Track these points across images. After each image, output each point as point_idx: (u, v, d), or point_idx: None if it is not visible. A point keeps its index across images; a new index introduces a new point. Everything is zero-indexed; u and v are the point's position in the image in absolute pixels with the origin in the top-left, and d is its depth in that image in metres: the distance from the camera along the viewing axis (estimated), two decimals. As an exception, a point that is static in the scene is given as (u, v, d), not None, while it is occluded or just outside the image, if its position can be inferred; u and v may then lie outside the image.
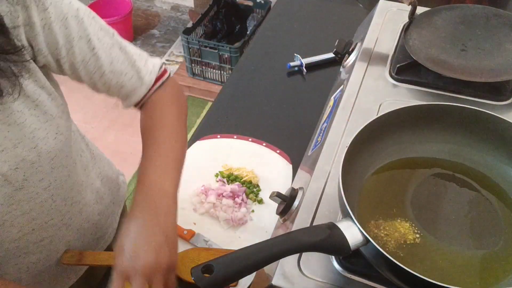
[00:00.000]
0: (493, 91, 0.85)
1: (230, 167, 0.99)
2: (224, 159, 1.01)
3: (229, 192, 0.92)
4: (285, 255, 0.56)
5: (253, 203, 0.92)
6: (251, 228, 0.88)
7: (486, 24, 0.94)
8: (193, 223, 0.89)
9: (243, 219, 0.89)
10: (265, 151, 1.02)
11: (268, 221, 0.88)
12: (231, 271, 0.54)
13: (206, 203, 0.92)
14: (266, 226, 0.87)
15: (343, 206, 0.59)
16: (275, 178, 0.96)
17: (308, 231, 0.59)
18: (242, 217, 0.89)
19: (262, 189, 0.95)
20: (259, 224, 0.89)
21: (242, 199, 0.92)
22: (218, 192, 0.93)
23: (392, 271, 0.57)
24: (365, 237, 0.56)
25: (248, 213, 0.91)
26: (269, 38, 1.43)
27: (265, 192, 0.94)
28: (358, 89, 0.90)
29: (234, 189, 0.93)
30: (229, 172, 0.97)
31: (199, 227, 0.89)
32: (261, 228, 0.87)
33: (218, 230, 0.88)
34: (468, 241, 0.64)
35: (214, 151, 1.04)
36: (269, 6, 2.61)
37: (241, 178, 0.96)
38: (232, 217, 0.89)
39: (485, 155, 0.73)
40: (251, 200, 0.93)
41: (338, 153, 0.79)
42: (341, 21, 1.42)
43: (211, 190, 0.94)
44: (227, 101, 1.24)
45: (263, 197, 0.93)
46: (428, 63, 0.87)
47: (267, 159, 1.00)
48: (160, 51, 2.96)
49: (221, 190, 0.93)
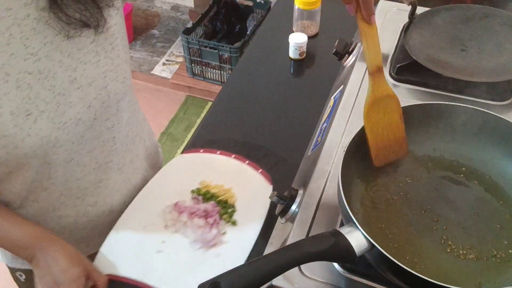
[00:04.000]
0: (493, 91, 0.85)
1: (208, 184, 0.93)
2: (204, 175, 0.94)
3: (202, 211, 0.86)
4: (292, 267, 0.55)
5: (226, 224, 0.86)
6: (221, 251, 0.82)
7: (486, 24, 0.94)
8: (162, 241, 0.84)
9: (213, 241, 0.82)
10: (246, 169, 0.95)
11: (240, 244, 0.82)
12: (238, 287, 0.53)
13: (178, 221, 0.86)
14: (237, 250, 0.81)
15: (345, 211, 0.59)
16: (253, 199, 0.89)
17: (313, 241, 0.58)
18: (212, 239, 0.83)
19: (238, 210, 0.88)
20: (230, 247, 0.82)
21: (215, 220, 0.85)
22: (191, 211, 0.87)
23: (398, 275, 0.57)
24: (370, 242, 0.56)
25: (219, 235, 0.84)
26: (269, 38, 1.43)
27: (240, 213, 0.87)
28: (358, 89, 0.90)
29: (208, 209, 0.87)
30: (206, 189, 0.92)
31: (168, 246, 0.83)
32: (232, 251, 0.81)
33: (187, 251, 0.82)
34: (471, 242, 0.64)
35: (195, 166, 0.98)
36: (269, 6, 2.61)
37: (217, 197, 0.90)
38: (202, 238, 0.83)
39: (486, 154, 0.73)
40: (225, 221, 0.86)
41: (338, 153, 0.79)
42: (341, 21, 1.42)
43: (183, 208, 0.88)
44: (227, 101, 1.23)
45: (238, 219, 0.87)
46: (428, 63, 0.87)
47: (247, 178, 0.93)
48: (160, 51, 2.96)
49: (194, 209, 0.87)
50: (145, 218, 0.86)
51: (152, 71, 2.83)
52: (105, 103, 0.75)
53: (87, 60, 0.71)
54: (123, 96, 0.78)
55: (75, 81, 0.71)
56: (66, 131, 0.72)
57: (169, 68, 2.85)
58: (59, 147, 0.73)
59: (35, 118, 0.68)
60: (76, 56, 0.70)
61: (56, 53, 0.68)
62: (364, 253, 0.57)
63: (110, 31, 0.73)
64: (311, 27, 1.37)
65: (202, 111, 2.63)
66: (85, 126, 0.75)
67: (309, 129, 1.00)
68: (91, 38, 0.70)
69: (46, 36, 0.66)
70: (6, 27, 0.62)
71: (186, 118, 2.62)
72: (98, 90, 0.73)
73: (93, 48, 0.71)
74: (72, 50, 0.69)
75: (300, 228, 0.70)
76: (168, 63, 2.89)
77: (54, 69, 0.68)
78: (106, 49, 0.73)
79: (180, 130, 2.56)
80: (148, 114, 2.48)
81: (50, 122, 0.70)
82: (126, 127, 0.84)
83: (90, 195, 0.84)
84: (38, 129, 0.69)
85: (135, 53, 2.95)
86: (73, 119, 0.72)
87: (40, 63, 0.67)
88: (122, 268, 0.79)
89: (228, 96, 1.25)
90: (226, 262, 0.58)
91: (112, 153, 0.83)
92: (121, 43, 0.76)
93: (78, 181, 0.81)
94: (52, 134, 0.71)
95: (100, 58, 0.72)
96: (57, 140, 0.72)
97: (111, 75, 0.74)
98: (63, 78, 0.69)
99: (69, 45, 0.69)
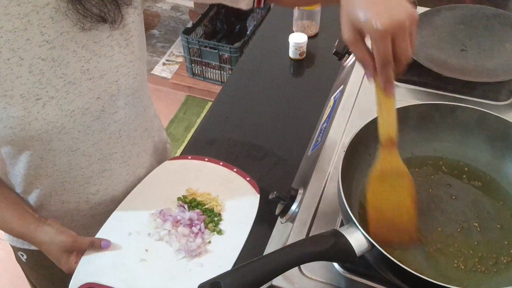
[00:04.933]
0: (493, 91, 0.85)
1: (195, 191, 0.91)
2: (190, 183, 0.92)
3: (187, 220, 0.84)
4: (292, 267, 0.56)
5: (212, 233, 0.84)
6: (205, 261, 0.79)
7: (486, 24, 0.94)
8: (145, 250, 0.81)
9: (197, 251, 0.80)
10: (234, 177, 0.92)
11: (225, 254, 0.79)
12: (238, 287, 0.53)
13: (162, 229, 0.84)
14: (221, 260, 0.79)
15: (345, 212, 0.59)
16: (240, 208, 0.87)
17: (313, 241, 0.58)
18: (196, 248, 0.80)
19: (224, 219, 0.86)
20: (215, 257, 0.80)
21: (200, 229, 0.83)
22: (176, 219, 0.85)
23: (398, 275, 0.57)
24: (370, 242, 0.56)
25: (204, 244, 0.82)
26: (269, 38, 1.43)
27: (226, 222, 0.85)
28: (358, 89, 0.90)
29: (193, 217, 0.84)
30: (192, 197, 0.89)
31: (151, 255, 0.80)
32: (216, 260, 0.79)
33: (170, 260, 0.80)
34: (471, 241, 0.64)
35: (182, 173, 0.95)
36: (269, 6, 2.61)
37: (203, 205, 0.88)
38: (185, 248, 0.80)
39: (486, 154, 0.73)
40: (210, 230, 0.84)
41: (338, 153, 0.79)
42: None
43: (168, 216, 0.85)
44: (227, 101, 1.24)
45: (224, 228, 0.84)
46: (428, 63, 0.87)
47: (235, 187, 0.91)
48: (160, 51, 2.96)
49: (179, 217, 0.85)
50: (130, 225, 0.84)
51: (152, 71, 2.83)
52: (114, 96, 0.77)
53: (101, 53, 0.73)
54: (133, 92, 0.80)
55: (87, 72, 0.73)
56: (72, 119, 0.74)
57: (169, 68, 2.85)
58: (65, 134, 0.75)
59: (43, 103, 0.71)
60: (91, 48, 0.72)
61: (71, 43, 0.70)
62: (364, 253, 0.57)
63: (127, 28, 0.75)
64: (311, 27, 1.37)
65: (202, 111, 2.63)
66: (92, 117, 0.77)
67: (309, 129, 1.00)
68: (107, 33, 0.73)
69: (64, 26, 0.69)
70: (25, 13, 0.65)
71: (186, 118, 2.62)
72: (109, 83, 0.76)
73: (108, 42, 0.74)
74: (87, 42, 0.72)
75: (300, 228, 0.70)
76: (168, 63, 2.89)
77: (67, 58, 0.71)
78: (121, 44, 0.75)
79: (180, 130, 2.56)
80: (148, 114, 2.47)
81: (59, 109, 0.72)
82: (134, 121, 0.86)
83: (92, 184, 0.86)
84: (45, 114, 0.71)
85: (135, 53, 2.95)
86: (81, 108, 0.75)
87: (55, 51, 0.69)
88: (104, 276, 0.77)
89: (228, 96, 1.25)
90: (210, 272, 0.56)
91: (117, 145, 0.85)
92: (137, 41, 0.78)
93: (82, 169, 0.83)
94: (59, 121, 0.73)
95: (115, 53, 0.75)
96: (63, 127, 0.74)
97: (123, 70, 0.76)
98: (76, 67, 0.72)
99: (85, 37, 0.71)
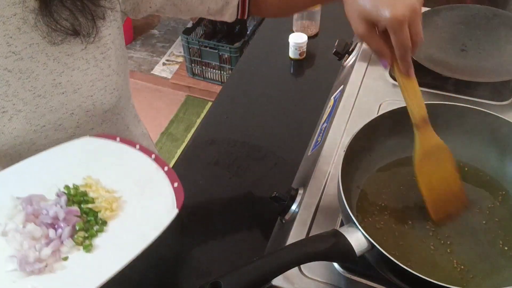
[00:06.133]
0: (493, 91, 0.85)
1: (93, 183, 0.66)
2: (96, 171, 0.68)
3: (49, 217, 0.59)
4: (292, 267, 0.55)
5: (75, 246, 0.58)
6: (43, 284, 0.55)
7: (486, 24, 0.94)
8: None
9: (35, 267, 0.55)
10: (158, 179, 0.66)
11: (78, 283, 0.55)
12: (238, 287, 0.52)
13: (11, 222, 0.60)
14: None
15: (345, 212, 0.59)
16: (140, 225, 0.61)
17: (313, 241, 0.58)
18: (34, 262, 0.55)
19: (108, 231, 0.60)
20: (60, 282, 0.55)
21: (60, 235, 0.58)
22: (35, 212, 0.60)
23: (398, 275, 0.56)
24: (370, 242, 0.56)
25: (54, 259, 0.57)
26: (269, 38, 1.43)
27: (108, 236, 0.59)
28: (358, 89, 0.90)
29: (58, 215, 0.59)
30: (84, 189, 0.65)
31: None
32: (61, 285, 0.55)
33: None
34: (471, 242, 0.64)
35: (94, 155, 0.71)
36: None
37: (89, 203, 0.62)
38: (20, 257, 0.55)
39: (485, 154, 0.73)
40: (75, 242, 0.58)
41: (338, 153, 0.79)
42: (341, 21, 1.42)
43: (29, 206, 0.61)
44: (227, 101, 1.23)
45: (99, 244, 0.58)
46: (428, 63, 0.87)
47: (152, 191, 0.65)
48: (160, 51, 2.96)
49: (41, 209, 0.61)
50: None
51: (152, 71, 2.83)
52: (90, 112, 0.74)
53: (75, 67, 0.70)
54: (111, 107, 0.76)
55: (59, 86, 0.70)
56: (43, 135, 0.71)
57: (169, 68, 2.85)
58: (35, 151, 0.69)
59: (10, 116, 0.68)
60: (63, 61, 0.69)
61: (41, 55, 0.67)
62: (364, 253, 0.57)
63: (103, 40, 0.72)
64: (311, 27, 1.37)
65: (202, 111, 2.63)
66: (66, 133, 0.73)
67: (309, 129, 1.00)
68: (82, 46, 0.70)
69: (33, 37, 0.66)
70: None
71: (186, 118, 2.62)
72: (83, 98, 0.72)
73: (83, 55, 0.70)
74: (59, 55, 0.69)
75: (300, 228, 0.70)
76: (168, 63, 2.89)
77: (37, 70, 0.68)
78: (97, 58, 0.72)
79: (180, 130, 2.56)
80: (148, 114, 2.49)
81: (27, 123, 0.69)
82: None
83: None
84: (12, 128, 0.68)
85: (135, 53, 2.95)
86: (53, 124, 0.71)
87: (22, 63, 0.66)
88: None
89: (228, 96, 1.25)
90: None
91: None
92: (115, 54, 0.74)
93: None
94: (28, 136, 0.70)
95: (90, 66, 0.71)
96: (33, 143, 0.71)
97: (99, 84, 0.73)
98: (46, 81, 0.69)
99: (57, 49, 0.68)
